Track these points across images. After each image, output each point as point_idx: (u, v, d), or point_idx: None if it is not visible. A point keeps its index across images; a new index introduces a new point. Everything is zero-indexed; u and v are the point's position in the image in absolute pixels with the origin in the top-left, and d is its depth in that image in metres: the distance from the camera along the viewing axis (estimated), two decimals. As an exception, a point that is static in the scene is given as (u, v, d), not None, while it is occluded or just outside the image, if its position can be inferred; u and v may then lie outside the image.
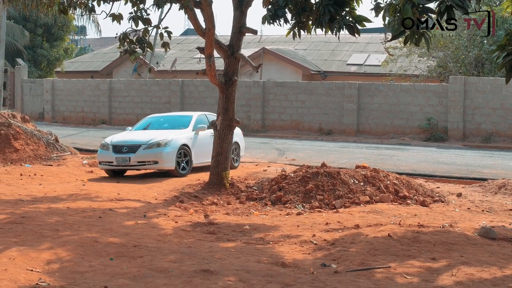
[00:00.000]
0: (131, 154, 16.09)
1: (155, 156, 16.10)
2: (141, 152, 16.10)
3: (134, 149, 16.17)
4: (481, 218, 11.38)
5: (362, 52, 41.08)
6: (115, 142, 16.52)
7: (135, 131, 17.81)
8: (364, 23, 10.44)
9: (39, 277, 6.88)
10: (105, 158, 16.43)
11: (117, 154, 16.17)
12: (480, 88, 28.15)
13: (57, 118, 38.36)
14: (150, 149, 16.12)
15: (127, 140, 16.61)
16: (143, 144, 16.19)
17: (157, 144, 16.19)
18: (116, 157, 16.13)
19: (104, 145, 16.68)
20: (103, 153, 16.60)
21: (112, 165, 16.34)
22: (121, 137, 17.01)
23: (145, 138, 16.61)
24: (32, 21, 41.09)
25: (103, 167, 16.65)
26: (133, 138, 16.75)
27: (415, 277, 7.36)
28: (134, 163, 16.13)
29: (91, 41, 79.95)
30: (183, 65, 42.48)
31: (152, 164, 16.16)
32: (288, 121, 32.08)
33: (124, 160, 16.09)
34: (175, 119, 18.76)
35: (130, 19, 12.96)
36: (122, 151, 16.19)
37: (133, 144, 16.30)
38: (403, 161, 20.45)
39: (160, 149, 16.14)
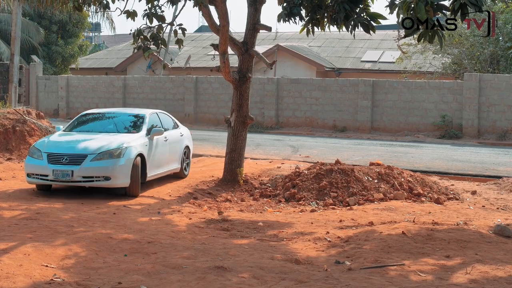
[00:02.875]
0: (74, 166, 12.40)
1: (107, 170, 12.51)
2: (88, 164, 12.43)
3: (78, 160, 12.49)
4: (496, 216, 11.33)
5: (376, 49, 40.96)
6: (50, 149, 12.82)
7: (72, 134, 14.04)
8: (379, 20, 10.41)
9: (54, 273, 6.92)
10: (36, 169, 12.69)
11: (54, 165, 12.46)
12: (495, 85, 27.98)
13: (72, 114, 38.44)
14: (100, 161, 12.51)
15: (67, 147, 12.96)
16: (91, 154, 12.56)
17: (109, 153, 12.64)
18: (54, 170, 12.41)
19: (34, 152, 12.94)
20: (32, 162, 12.82)
21: (47, 180, 12.62)
22: (57, 142, 13.29)
23: (90, 144, 12.90)
24: (47, 18, 41.27)
25: (33, 181, 12.85)
26: (75, 145, 13.03)
27: (429, 274, 7.34)
28: (78, 178, 12.40)
29: (106, 38, 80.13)
30: (197, 62, 42.51)
31: (102, 181, 12.55)
32: (302, 118, 32.04)
33: (65, 175, 12.37)
34: (123, 118, 14.80)
35: (145, 16, 12.99)
36: (61, 161, 12.49)
37: (76, 154, 12.60)
38: (417, 158, 20.38)
39: (113, 160, 12.58)
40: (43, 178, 12.69)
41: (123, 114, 15.21)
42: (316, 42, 42.54)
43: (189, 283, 6.70)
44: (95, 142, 13.03)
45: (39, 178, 12.75)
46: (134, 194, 12.91)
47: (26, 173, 12.98)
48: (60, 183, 12.79)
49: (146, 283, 6.64)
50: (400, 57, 34.70)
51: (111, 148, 12.76)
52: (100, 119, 15.07)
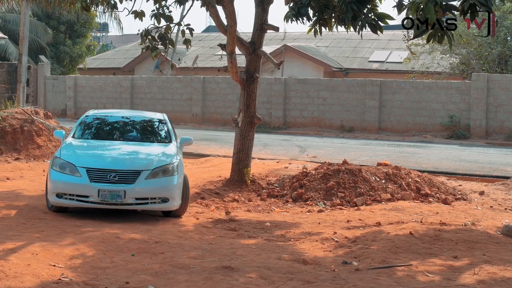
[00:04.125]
0: (126, 185, 10.15)
1: (165, 190, 10.46)
2: (143, 183, 10.26)
3: (130, 177, 10.25)
4: (504, 216, 11.30)
5: (384, 49, 40.91)
6: (89, 163, 10.40)
7: (93, 141, 11.67)
8: (386, 21, 10.40)
9: (62, 273, 6.93)
10: (73, 188, 10.21)
11: (100, 184, 10.10)
12: (503, 85, 27.91)
13: (80, 114, 38.42)
14: (156, 179, 10.40)
15: (110, 160, 10.65)
16: (145, 170, 10.36)
17: (164, 170, 10.55)
18: (100, 190, 10.05)
19: (64, 166, 10.39)
20: (64, 179, 10.29)
21: (89, 202, 10.20)
22: (94, 154, 11.03)
23: (136, 157, 10.88)
24: (55, 18, 41.40)
25: (66, 203, 10.35)
26: (118, 157, 10.84)
27: (437, 275, 7.33)
28: (130, 200, 10.18)
29: (113, 38, 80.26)
30: (205, 62, 42.54)
31: (158, 203, 10.48)
32: (309, 118, 32.02)
33: (115, 196, 10.09)
34: (141, 123, 12.54)
35: (152, 16, 13.00)
36: (108, 179, 10.15)
37: (128, 170, 10.32)
38: (425, 158, 20.35)
39: (169, 178, 10.55)
40: (83, 200, 10.19)
41: (138, 117, 12.79)
42: (323, 42, 42.52)
43: (197, 283, 6.71)
44: (137, 155, 10.98)
45: (75, 199, 10.23)
46: (180, 215, 11.02)
47: (55, 193, 10.27)
48: (107, 206, 10.19)
49: (154, 283, 6.65)
50: (407, 57, 34.65)
51: (164, 163, 10.60)
52: (116, 124, 12.35)
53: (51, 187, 10.43)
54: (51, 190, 10.42)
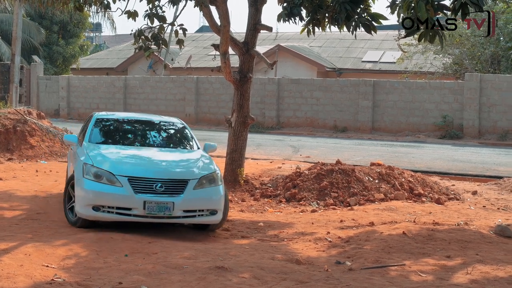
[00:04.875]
0: (174, 197, 9.19)
1: (213, 202, 9.57)
2: (191, 193, 9.33)
3: (177, 187, 9.29)
4: (496, 216, 11.33)
5: (377, 49, 40.97)
6: (130, 171, 9.31)
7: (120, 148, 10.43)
8: (380, 21, 10.41)
9: (55, 273, 6.92)
10: (113, 200, 9.10)
11: (145, 195, 9.06)
12: (496, 85, 27.99)
13: (73, 114, 38.53)
14: (203, 189, 9.50)
15: (152, 168, 9.60)
16: (193, 179, 9.43)
17: (209, 179, 9.66)
18: (146, 202, 9.01)
19: (100, 174, 9.24)
20: (102, 189, 9.15)
21: (132, 215, 9.13)
22: (135, 163, 9.76)
23: (178, 165, 9.99)
24: (48, 19, 41.35)
25: (106, 216, 9.19)
26: (159, 164, 9.86)
27: (430, 275, 7.34)
28: (178, 213, 9.22)
29: (107, 38, 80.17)
30: (198, 62, 42.53)
31: (206, 216, 9.53)
32: (302, 118, 32.05)
33: (163, 208, 9.08)
34: (160, 127, 11.61)
35: (146, 16, 13.00)
36: (154, 189, 9.14)
37: (174, 179, 9.34)
38: (418, 158, 20.38)
39: (215, 188, 9.68)
40: (124, 213, 9.11)
41: (152, 121, 11.69)
42: (317, 42, 42.55)
43: (190, 283, 6.70)
44: (177, 162, 10.11)
45: (115, 212, 9.12)
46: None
47: (91, 206, 9.10)
48: (153, 220, 9.19)
49: (147, 283, 6.64)
50: (401, 57, 34.72)
51: (209, 172, 9.70)
52: (136, 128, 11.36)
53: (85, 199, 9.12)
54: (85, 201, 9.09)
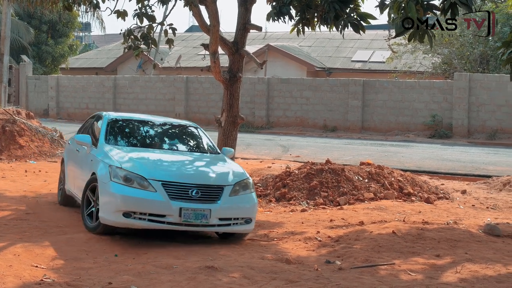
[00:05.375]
0: (210, 204, 8.67)
1: (249, 209, 9.11)
2: (227, 200, 8.83)
3: (213, 193, 8.79)
4: (485, 215, 11.37)
5: (367, 48, 41.05)
6: (163, 175, 8.71)
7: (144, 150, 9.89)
8: (369, 20, 10.43)
9: (44, 273, 6.89)
10: (147, 206, 8.46)
11: (181, 202, 8.50)
12: (485, 85, 28.11)
13: (62, 114, 38.41)
14: (238, 196, 9.02)
15: (186, 172, 9.17)
16: (228, 185, 8.94)
17: (243, 185, 9.18)
18: (182, 209, 8.43)
19: (131, 178, 8.62)
20: (134, 194, 8.51)
21: (166, 222, 8.50)
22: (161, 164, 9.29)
23: (211, 170, 9.53)
24: (37, 18, 41.20)
25: (138, 223, 8.53)
26: (188, 168, 9.53)
27: (420, 274, 7.36)
28: (214, 221, 8.68)
29: (96, 37, 79.95)
30: (188, 61, 42.49)
31: (241, 225, 9.01)
32: (292, 117, 32.08)
33: (200, 216, 8.53)
34: (175, 131, 11.20)
35: (135, 16, 12.97)
36: (189, 195, 8.59)
37: (210, 185, 8.86)
38: (407, 158, 20.43)
39: (250, 195, 9.23)
40: (158, 220, 8.47)
41: (167, 123, 11.32)
42: (306, 42, 42.59)
43: (180, 283, 6.69)
44: (208, 167, 9.69)
45: (147, 219, 8.48)
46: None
47: (122, 211, 8.42)
48: (188, 228, 8.67)
49: (137, 283, 6.63)
50: (390, 56, 34.81)
51: (242, 178, 9.23)
52: (153, 131, 10.85)
53: (114, 204, 8.48)
54: (115, 207, 8.45)
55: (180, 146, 10.64)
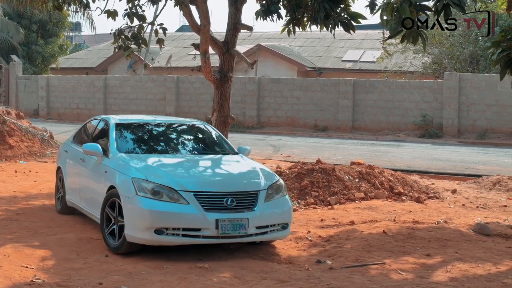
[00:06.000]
0: (247, 212, 8.04)
1: (284, 214, 8.48)
2: (263, 207, 8.20)
3: (247, 200, 8.16)
4: (475, 214, 11.40)
5: (357, 48, 41.11)
6: (193, 184, 8.05)
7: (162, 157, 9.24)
8: (359, 20, 10.44)
9: (34, 274, 6.88)
10: (179, 220, 7.76)
11: (217, 213, 7.85)
12: (475, 84, 28.19)
13: (52, 114, 38.30)
14: (273, 201, 8.39)
15: (214, 179, 8.63)
16: (262, 190, 8.32)
17: (276, 188, 8.56)
18: (219, 221, 7.76)
19: (159, 190, 7.90)
20: (165, 208, 7.79)
21: (203, 237, 7.83)
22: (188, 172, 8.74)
23: (240, 174, 8.92)
24: (27, 18, 41.04)
25: (171, 240, 7.83)
26: (216, 174, 8.99)
27: (410, 273, 7.38)
28: (252, 230, 8.01)
29: (86, 37, 79.82)
30: (178, 61, 42.44)
31: (277, 231, 8.40)
32: (283, 117, 32.09)
33: (237, 226, 7.87)
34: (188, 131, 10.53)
35: (125, 16, 12.93)
36: (225, 205, 7.95)
37: (245, 191, 8.24)
38: (398, 157, 20.48)
39: (284, 199, 8.62)
40: (194, 235, 7.80)
41: (176, 123, 10.85)
42: (297, 42, 42.62)
43: (171, 283, 6.69)
44: (237, 171, 9.04)
45: (182, 235, 7.80)
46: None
47: (153, 228, 7.71)
48: (225, 240, 7.97)
49: (127, 283, 6.62)
50: (381, 56, 34.87)
51: (273, 181, 8.60)
52: (163, 134, 10.23)
53: (144, 220, 7.76)
54: (145, 224, 7.74)
55: (197, 149, 10.00)
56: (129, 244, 8.00)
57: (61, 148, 11.71)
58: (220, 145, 10.11)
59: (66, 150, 11.11)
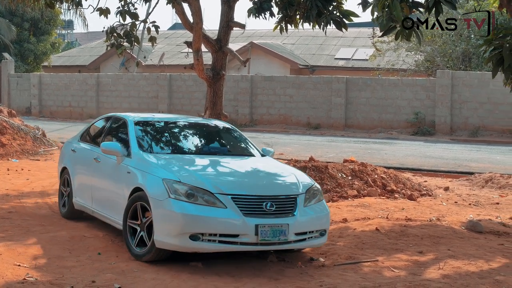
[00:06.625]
0: (286, 217, 7.51)
1: (323, 220, 8.00)
2: (303, 212, 7.71)
3: (286, 204, 7.65)
4: (468, 211, 11.43)
5: (350, 46, 41.14)
6: (232, 187, 7.55)
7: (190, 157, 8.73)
8: (351, 18, 10.45)
9: (27, 272, 6.86)
10: (217, 226, 7.22)
11: (256, 218, 7.32)
12: (467, 82, 28.26)
13: (44, 112, 38.21)
14: (311, 206, 7.90)
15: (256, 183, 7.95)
16: (300, 194, 7.83)
17: (313, 192, 8.07)
18: (259, 226, 7.23)
19: (193, 193, 7.35)
20: (200, 212, 7.24)
21: (240, 244, 7.28)
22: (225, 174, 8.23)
23: (276, 177, 8.38)
24: (19, 15, 40.89)
25: (210, 247, 7.26)
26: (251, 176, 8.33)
27: (403, 270, 7.40)
28: (291, 237, 7.47)
29: (79, 35, 79.63)
30: (171, 59, 42.39)
31: (316, 238, 7.88)
32: (276, 115, 32.09)
33: (277, 233, 7.33)
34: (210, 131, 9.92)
35: (118, 13, 12.92)
36: (264, 209, 7.42)
37: (284, 196, 7.72)
38: (390, 155, 20.51)
39: (321, 204, 8.14)
40: (231, 242, 7.26)
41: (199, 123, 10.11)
42: (289, 40, 42.62)
43: (164, 281, 6.69)
44: (273, 173, 8.49)
45: (219, 241, 7.24)
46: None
47: (188, 234, 7.15)
48: (264, 247, 7.45)
49: (120, 281, 6.61)
50: (373, 54, 34.88)
51: (310, 185, 8.12)
52: (187, 133, 9.67)
53: (178, 225, 7.20)
54: (179, 229, 7.18)
55: (223, 149, 9.53)
56: (158, 251, 7.44)
57: (66, 147, 10.95)
58: (245, 146, 9.60)
59: (73, 150, 10.40)
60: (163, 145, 9.01)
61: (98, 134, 10.10)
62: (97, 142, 9.64)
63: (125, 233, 7.94)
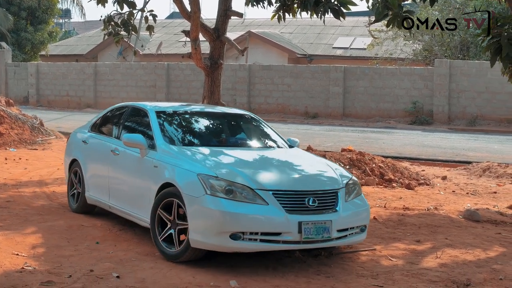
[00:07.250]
0: (329, 213, 7.09)
1: (364, 215, 7.54)
2: (345, 207, 7.28)
3: (327, 199, 7.20)
4: (465, 200, 11.45)
5: (348, 35, 41.08)
6: (272, 183, 7.03)
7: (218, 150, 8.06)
8: (349, 7, 10.43)
9: (25, 261, 6.86)
10: (258, 224, 6.73)
11: (299, 215, 6.86)
12: (465, 71, 28.26)
13: (42, 102, 38.16)
14: (352, 200, 7.46)
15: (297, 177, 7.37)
16: (341, 188, 7.38)
17: (352, 186, 7.61)
18: (302, 224, 6.77)
19: (232, 189, 6.85)
20: (241, 210, 6.73)
21: (283, 243, 6.81)
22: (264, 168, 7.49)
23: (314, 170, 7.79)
24: (16, 4, 40.78)
25: (251, 246, 6.77)
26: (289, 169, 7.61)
27: (400, 259, 7.42)
28: (334, 234, 7.02)
29: (76, 24, 79.40)
30: (169, 48, 42.31)
31: (356, 235, 7.40)
32: (274, 104, 32.08)
33: (321, 230, 6.89)
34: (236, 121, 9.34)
35: (115, 2, 12.88)
36: (307, 205, 6.98)
37: (325, 190, 7.25)
38: (388, 144, 20.52)
39: (362, 198, 7.70)
40: (273, 240, 6.79)
41: (224, 113, 9.43)
42: (287, 29, 42.55)
43: (161, 270, 6.70)
44: (307, 166, 7.87)
45: (260, 240, 6.76)
46: None
47: (229, 233, 6.66)
48: (307, 246, 6.97)
49: (118, 270, 6.62)
50: (371, 43, 34.86)
51: (348, 178, 7.69)
52: (212, 124, 9.13)
53: (217, 224, 6.73)
54: (218, 228, 6.72)
55: (253, 141, 8.94)
56: (193, 251, 6.96)
57: (74, 138, 10.33)
58: (272, 136, 9.09)
59: (84, 141, 9.77)
60: (189, 137, 8.49)
61: (113, 125, 9.46)
62: (113, 134, 9.17)
63: (153, 231, 7.41)
